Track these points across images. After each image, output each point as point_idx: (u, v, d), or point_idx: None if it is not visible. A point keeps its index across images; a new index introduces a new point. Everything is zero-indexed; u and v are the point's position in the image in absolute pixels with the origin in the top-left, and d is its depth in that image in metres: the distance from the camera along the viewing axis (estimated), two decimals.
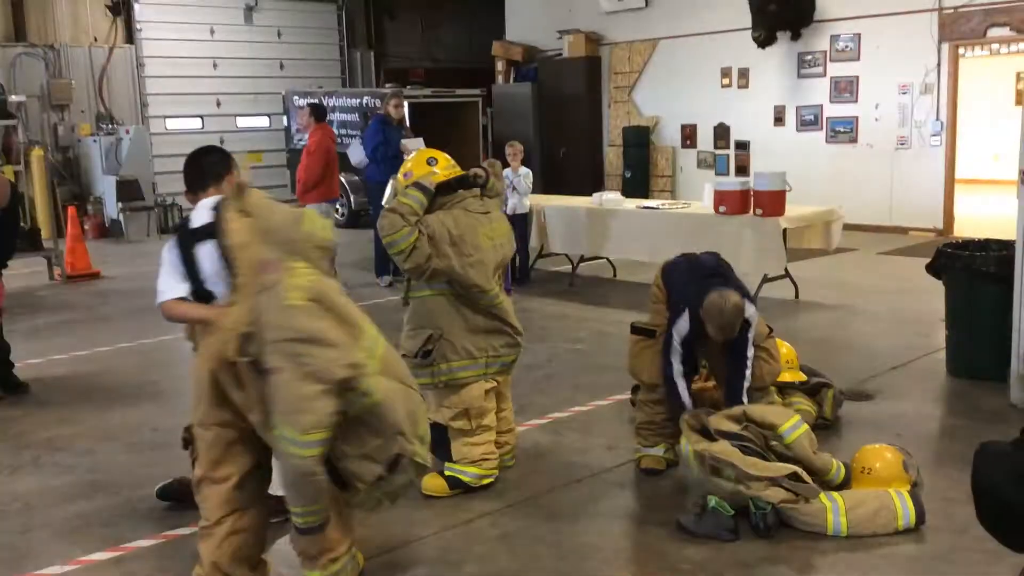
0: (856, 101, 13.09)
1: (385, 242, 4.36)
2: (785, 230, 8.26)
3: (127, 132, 15.06)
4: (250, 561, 3.46)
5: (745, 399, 4.46)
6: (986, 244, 6.25)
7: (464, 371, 4.46)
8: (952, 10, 12.01)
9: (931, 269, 6.27)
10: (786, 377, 5.13)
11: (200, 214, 3.56)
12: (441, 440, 4.42)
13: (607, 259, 10.12)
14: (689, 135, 15.04)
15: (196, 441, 3.54)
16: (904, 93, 12.58)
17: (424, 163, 4.58)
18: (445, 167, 4.59)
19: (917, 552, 3.83)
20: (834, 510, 3.95)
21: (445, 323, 4.44)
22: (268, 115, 17.79)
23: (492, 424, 4.57)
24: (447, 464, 4.49)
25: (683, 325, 4.49)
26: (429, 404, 4.41)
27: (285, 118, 16.45)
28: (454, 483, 4.48)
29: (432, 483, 4.46)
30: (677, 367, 4.53)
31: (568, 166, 16.17)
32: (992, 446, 2.27)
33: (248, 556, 3.45)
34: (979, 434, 4.99)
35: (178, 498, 4.42)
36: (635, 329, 4.83)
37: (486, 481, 4.52)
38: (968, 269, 5.97)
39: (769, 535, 3.92)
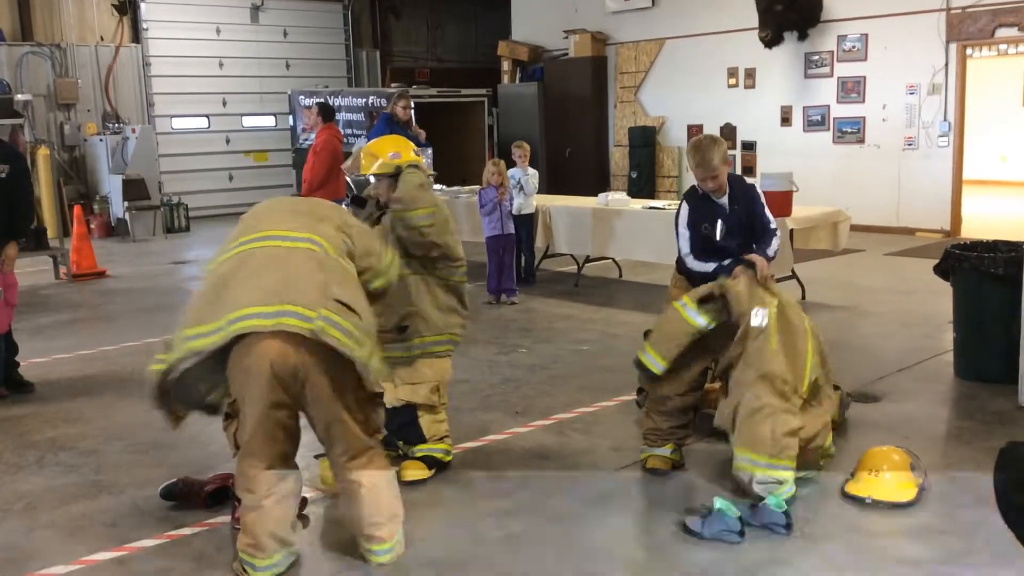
0: (863, 101, 13.06)
1: (418, 213, 4.51)
2: (792, 231, 8.24)
3: (133, 131, 15.07)
4: (293, 522, 3.70)
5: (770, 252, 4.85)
6: (994, 245, 6.21)
7: (437, 346, 4.69)
8: (960, 10, 11.97)
9: (939, 270, 6.24)
10: None
11: None
12: (410, 421, 4.60)
13: (613, 260, 10.10)
14: (695, 135, 15.00)
15: (241, 417, 3.61)
16: (911, 93, 12.55)
17: (405, 147, 4.78)
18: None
19: (925, 555, 3.80)
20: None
21: (419, 301, 4.64)
22: (274, 115, 17.80)
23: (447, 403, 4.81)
24: (419, 447, 4.62)
25: (683, 212, 5.01)
26: (396, 384, 4.56)
27: (291, 117, 16.46)
28: (431, 463, 4.61)
29: (413, 470, 4.56)
30: (685, 248, 4.99)
31: (573, 166, 16.14)
32: (1020, 447, 2.24)
33: (292, 516, 3.68)
34: (987, 436, 5.00)
35: (182, 498, 4.41)
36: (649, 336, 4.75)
37: (448, 459, 4.70)
38: (976, 270, 5.93)
39: (789, 531, 3.92)
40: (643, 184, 14.97)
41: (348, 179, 10.22)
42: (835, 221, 8.82)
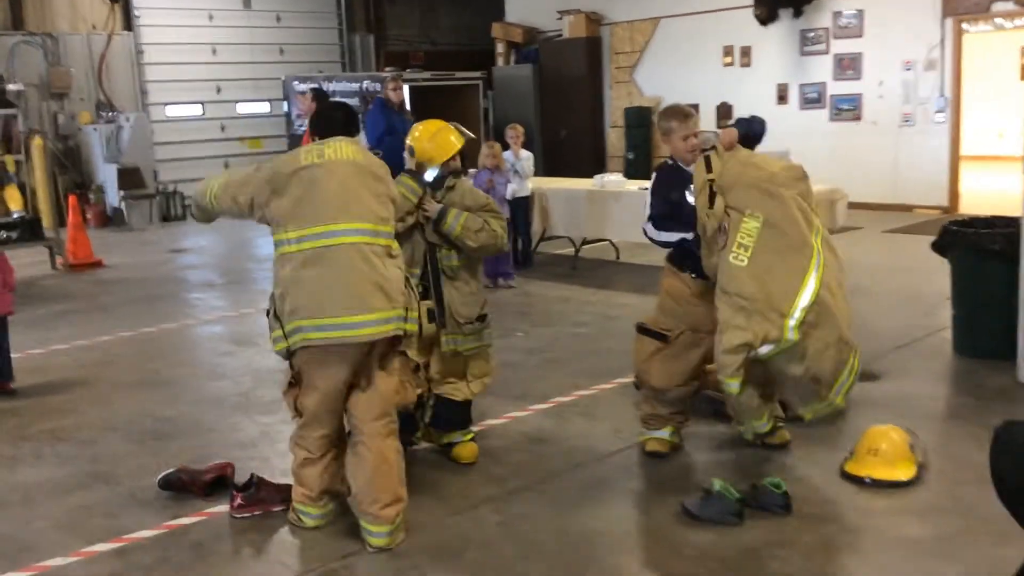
0: (860, 78, 13.00)
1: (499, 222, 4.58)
2: None
3: (127, 120, 14.99)
4: (342, 475, 3.98)
5: None
6: (992, 221, 6.19)
7: (490, 336, 4.75)
8: None
9: (936, 247, 6.21)
10: None
11: None
12: (467, 413, 4.70)
13: (610, 241, 10.07)
14: None
15: (306, 388, 3.86)
16: (908, 70, 12.48)
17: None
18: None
19: (924, 534, 3.79)
20: None
21: (481, 291, 4.73)
22: (268, 101, 17.70)
23: None
24: (468, 430, 4.73)
25: (652, 182, 4.76)
26: (470, 380, 4.63)
27: (285, 104, 16.36)
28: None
29: (470, 450, 4.67)
30: (645, 216, 4.66)
31: (570, 148, 16.09)
32: (1016, 427, 2.21)
33: (341, 472, 3.97)
34: (986, 413, 4.99)
35: (180, 488, 4.40)
36: (644, 330, 4.61)
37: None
38: (974, 246, 5.91)
39: (788, 512, 3.92)
40: (640, 165, 14.92)
41: None
42: (832, 199, 8.77)
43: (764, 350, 4.07)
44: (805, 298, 4.02)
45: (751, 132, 4.60)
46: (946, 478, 4.23)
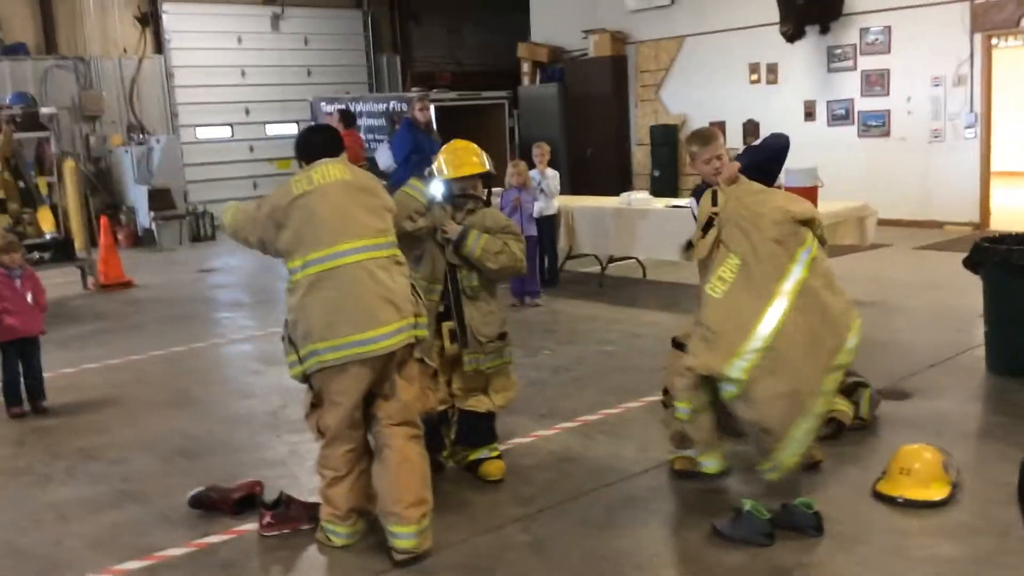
0: (888, 94, 12.92)
1: (519, 245, 4.63)
2: None
3: (158, 142, 15.20)
4: (370, 493, 4.02)
5: None
6: None
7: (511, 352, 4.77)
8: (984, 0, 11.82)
9: (968, 263, 6.14)
10: None
11: None
12: (491, 426, 4.71)
13: (636, 259, 10.04)
14: None
15: (327, 406, 3.91)
16: (936, 85, 12.39)
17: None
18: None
19: (959, 554, 3.73)
20: None
21: (500, 309, 4.75)
22: (296, 122, 17.86)
23: None
24: (493, 446, 4.73)
25: (691, 206, 4.67)
26: (491, 395, 4.66)
27: (313, 125, 16.52)
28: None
29: (497, 467, 4.66)
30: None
31: (596, 166, 16.09)
32: None
33: (369, 490, 4.01)
34: (1021, 432, 4.92)
35: (210, 506, 4.43)
36: (679, 344, 4.54)
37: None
38: (1006, 263, 5.83)
39: (820, 532, 3.88)
40: (666, 183, 14.89)
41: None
42: (862, 216, 8.71)
43: (725, 388, 4.01)
44: (755, 342, 3.92)
45: (756, 162, 4.54)
46: (980, 498, 4.17)
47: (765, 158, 4.62)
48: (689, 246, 4.45)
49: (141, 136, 15.78)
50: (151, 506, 4.59)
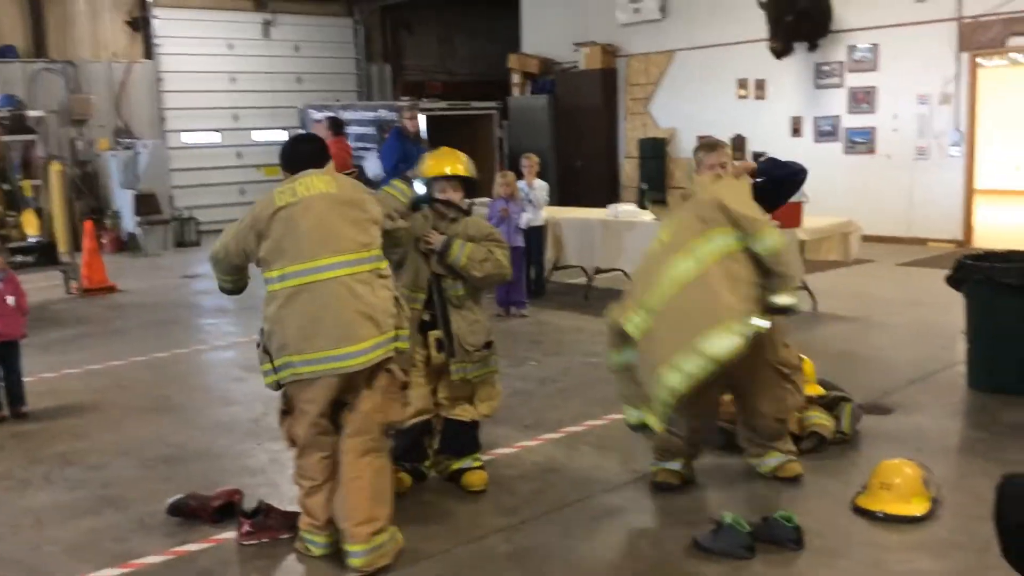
0: (874, 112, 13.01)
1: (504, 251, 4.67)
2: (803, 241, 8.19)
3: (145, 146, 15.15)
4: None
5: None
6: (1008, 255, 6.16)
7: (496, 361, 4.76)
8: (971, 19, 11.92)
9: (951, 281, 6.18)
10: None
11: None
12: (475, 435, 4.69)
13: (623, 271, 10.04)
14: None
15: (298, 415, 3.92)
16: (923, 103, 12.48)
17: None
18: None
19: (938, 569, 3.74)
20: None
21: (485, 317, 4.74)
22: (285, 128, 17.83)
23: None
24: (476, 456, 4.71)
25: None
26: (476, 404, 4.66)
27: (302, 132, 16.49)
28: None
29: (479, 478, 4.64)
30: None
31: (584, 178, 16.13)
32: (1016, 480, 2.17)
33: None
34: (1001, 449, 4.94)
35: (189, 514, 4.39)
36: None
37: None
38: (989, 280, 5.87)
39: (800, 546, 3.89)
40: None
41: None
42: (846, 232, 8.76)
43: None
44: (650, 301, 4.21)
45: (772, 173, 4.66)
46: (960, 514, 4.18)
47: (783, 174, 4.74)
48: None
49: (128, 140, 15.73)
50: (130, 513, 4.55)
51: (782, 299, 4.26)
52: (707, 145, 4.80)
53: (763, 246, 4.20)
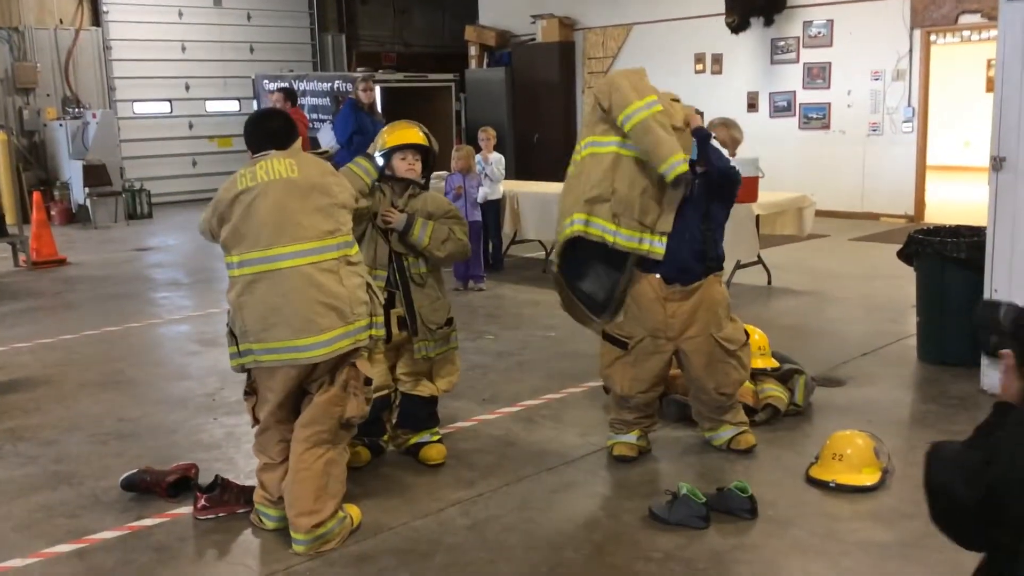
0: (829, 87, 13.12)
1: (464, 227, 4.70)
2: (758, 216, 8.26)
3: (94, 116, 14.83)
4: None
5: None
6: (957, 230, 6.27)
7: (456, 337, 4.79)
8: None
9: (902, 255, 6.28)
10: (758, 364, 5.11)
11: None
12: (433, 410, 4.69)
13: None
14: None
15: (261, 397, 3.92)
16: (876, 79, 12.62)
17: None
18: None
19: (889, 538, 3.83)
20: None
21: (446, 294, 4.76)
22: (238, 99, 17.57)
23: None
24: (434, 430, 4.70)
25: None
26: (435, 379, 4.67)
27: (255, 102, 16.24)
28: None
29: (438, 451, 4.64)
30: None
31: (542, 152, 16.10)
32: (945, 446, 2.25)
33: None
34: (950, 420, 5.05)
35: (143, 489, 4.35)
36: (606, 336, 4.63)
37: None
38: (939, 255, 5.98)
39: (754, 516, 3.95)
40: None
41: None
42: (800, 207, 8.86)
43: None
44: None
45: (716, 164, 4.72)
46: (910, 483, 4.27)
47: (722, 166, 4.78)
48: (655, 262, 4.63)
49: (76, 110, 15.38)
50: (83, 488, 4.49)
51: (662, 170, 4.40)
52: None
53: (629, 123, 4.55)
